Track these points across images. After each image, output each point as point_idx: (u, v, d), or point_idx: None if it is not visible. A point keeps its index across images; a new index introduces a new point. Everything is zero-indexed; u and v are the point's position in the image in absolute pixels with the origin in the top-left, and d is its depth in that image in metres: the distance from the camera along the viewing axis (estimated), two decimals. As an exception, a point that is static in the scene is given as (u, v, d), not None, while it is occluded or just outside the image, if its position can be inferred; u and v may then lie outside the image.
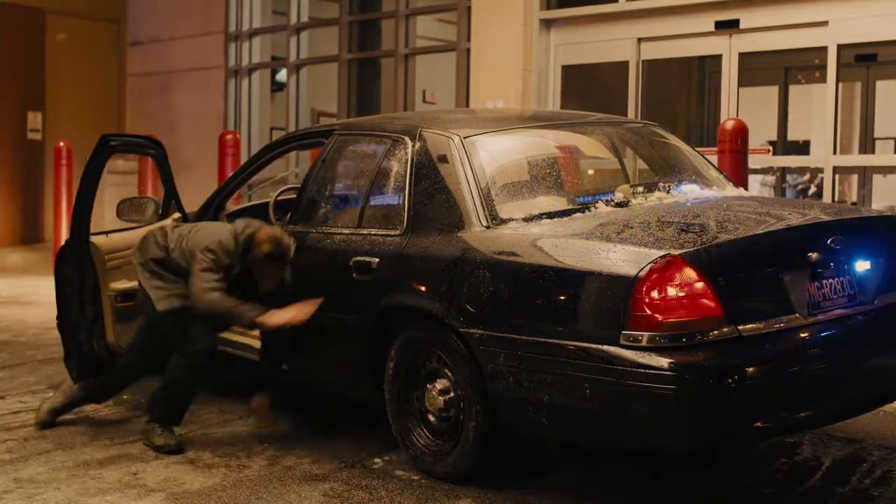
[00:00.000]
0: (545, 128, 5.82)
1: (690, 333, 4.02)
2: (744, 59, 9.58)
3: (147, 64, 14.71)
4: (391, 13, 12.44)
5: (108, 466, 5.09)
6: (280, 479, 4.89)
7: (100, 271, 5.67)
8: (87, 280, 5.69)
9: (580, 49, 10.53)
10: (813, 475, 4.85)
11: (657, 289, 4.01)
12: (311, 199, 5.71)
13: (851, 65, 11.45)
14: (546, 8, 10.61)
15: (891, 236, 4.88)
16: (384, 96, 12.84)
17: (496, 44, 10.63)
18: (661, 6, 9.82)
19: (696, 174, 5.53)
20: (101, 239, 5.90)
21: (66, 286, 5.76)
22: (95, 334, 5.74)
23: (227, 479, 4.89)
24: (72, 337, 5.80)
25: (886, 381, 4.62)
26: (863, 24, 8.85)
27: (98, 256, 5.68)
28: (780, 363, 4.18)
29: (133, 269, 5.74)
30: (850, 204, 12.08)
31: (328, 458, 5.16)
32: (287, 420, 5.80)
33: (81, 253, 5.67)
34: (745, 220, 4.69)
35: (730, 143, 7.48)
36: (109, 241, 5.92)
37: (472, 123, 5.55)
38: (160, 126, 13.81)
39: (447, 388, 4.79)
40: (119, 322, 5.79)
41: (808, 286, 4.34)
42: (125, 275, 5.87)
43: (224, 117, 13.72)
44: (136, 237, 5.99)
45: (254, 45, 13.87)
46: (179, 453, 5.25)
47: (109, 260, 5.76)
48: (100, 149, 5.80)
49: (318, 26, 13.79)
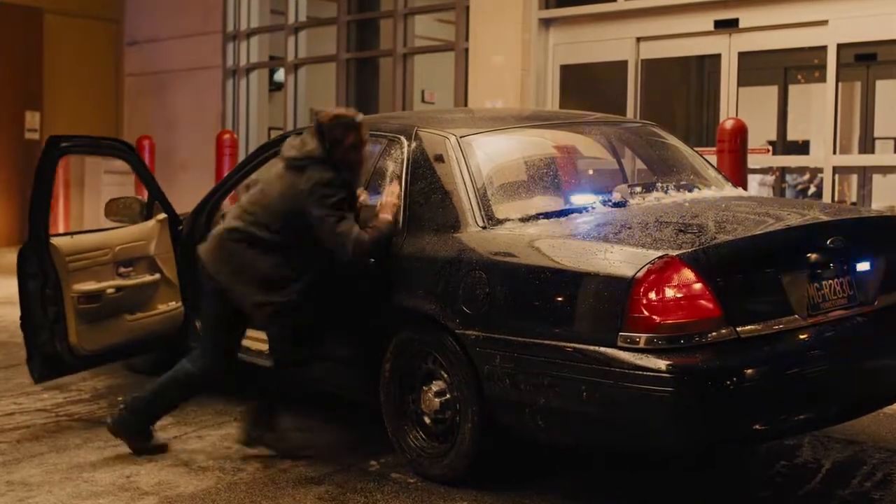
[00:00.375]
0: (543, 127, 5.78)
1: (688, 335, 3.98)
2: (743, 59, 9.54)
3: (145, 64, 14.68)
4: (389, 13, 12.41)
5: (102, 469, 5.05)
6: (274, 482, 4.85)
7: (61, 272, 5.59)
8: (48, 281, 5.61)
9: (579, 48, 10.50)
10: (813, 478, 4.81)
11: (655, 290, 3.97)
12: (307, 200, 5.66)
13: (851, 64, 11.42)
14: (545, 7, 10.58)
15: (891, 237, 4.84)
16: (383, 96, 12.81)
17: (494, 43, 10.59)
18: (660, 5, 9.79)
19: (694, 174, 5.49)
20: (64, 240, 5.80)
21: (27, 287, 5.66)
22: (58, 335, 5.65)
23: (222, 483, 4.85)
24: (34, 338, 5.67)
25: (887, 383, 4.59)
26: (862, 23, 8.81)
27: (58, 258, 5.60)
28: (778, 365, 4.13)
29: (101, 271, 5.68)
30: (850, 204, 12.05)
31: (323, 460, 5.12)
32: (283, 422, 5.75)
33: (41, 254, 5.59)
34: (743, 220, 4.65)
35: (729, 142, 7.45)
36: (74, 242, 5.81)
37: (468, 123, 5.52)
38: (158, 126, 13.80)
39: (443, 390, 4.75)
40: (83, 324, 5.70)
41: (808, 287, 4.30)
42: (91, 276, 5.78)
43: (222, 117, 13.68)
44: (105, 238, 5.93)
45: (252, 44, 13.84)
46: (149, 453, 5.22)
47: (73, 261, 5.66)
48: (49, 150, 5.71)
49: (317, 26, 13.76)
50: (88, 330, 5.74)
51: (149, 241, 6.14)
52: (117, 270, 5.96)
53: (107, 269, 5.88)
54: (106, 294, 5.82)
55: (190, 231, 6.34)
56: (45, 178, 5.62)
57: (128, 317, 5.98)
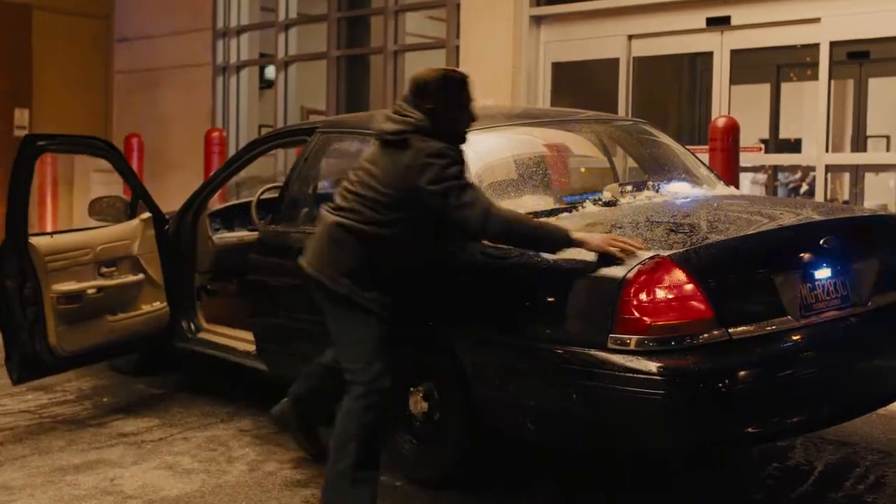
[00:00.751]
0: (533, 125, 5.72)
1: (680, 336, 3.92)
2: (735, 57, 9.48)
3: (134, 61, 14.58)
4: (380, 10, 12.33)
5: (85, 472, 4.98)
6: (260, 484, 4.78)
7: (39, 272, 5.51)
8: (27, 281, 5.53)
9: (570, 46, 10.43)
10: (805, 480, 4.76)
11: (645, 291, 3.91)
12: (294, 199, 5.61)
13: (844, 62, 11.36)
14: (536, 5, 10.51)
15: (884, 236, 4.79)
16: (373, 93, 12.73)
17: (486, 41, 10.52)
18: (652, 2, 9.71)
19: (686, 173, 5.43)
20: (44, 240, 5.71)
21: (6, 287, 5.58)
22: (37, 336, 5.57)
23: (206, 486, 4.78)
24: (14, 338, 5.60)
25: (880, 385, 4.53)
26: (855, 20, 8.76)
27: (37, 258, 5.52)
28: (771, 367, 4.07)
29: (82, 271, 5.59)
30: (843, 202, 12.02)
31: (310, 462, 5.05)
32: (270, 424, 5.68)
33: (20, 253, 5.51)
34: (735, 220, 4.60)
35: (721, 141, 7.41)
36: (53, 241, 5.72)
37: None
38: (148, 124, 13.71)
39: (431, 392, 4.68)
40: (63, 324, 5.62)
41: (800, 288, 4.24)
42: (71, 276, 5.69)
43: (212, 114, 13.59)
44: (87, 238, 5.85)
45: (242, 41, 13.74)
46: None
47: (53, 261, 5.59)
48: (25, 149, 5.63)
49: (307, 23, 13.67)
50: (68, 331, 5.66)
51: (132, 240, 6.06)
52: (99, 270, 5.88)
53: (88, 269, 5.80)
54: (87, 294, 5.74)
55: (176, 230, 6.28)
56: (21, 177, 5.54)
57: (110, 317, 5.91)
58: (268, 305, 5.60)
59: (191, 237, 6.35)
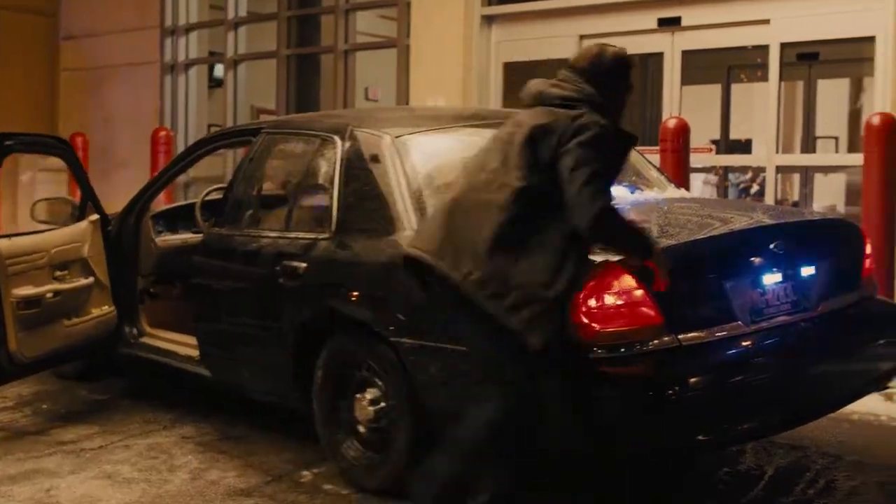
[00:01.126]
0: (483, 127, 5.60)
1: (629, 343, 3.86)
2: (686, 57, 9.48)
3: (81, 59, 14.37)
4: (331, 9, 12.21)
5: (21, 482, 4.84)
6: (202, 494, 4.67)
7: (0, 276, 5.35)
8: None
9: (522, 46, 10.38)
10: (756, 485, 4.72)
11: (594, 297, 3.85)
12: (238, 201, 5.50)
13: (793, 63, 11.41)
14: (487, 4, 10.45)
15: (834, 240, 4.77)
16: (324, 93, 12.62)
17: (437, 40, 10.46)
18: (604, 3, 9.69)
19: (636, 175, 5.37)
20: (3, 242, 5.55)
21: None
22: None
23: (147, 496, 4.66)
24: None
25: (831, 389, 4.49)
26: (805, 22, 8.78)
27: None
28: (722, 373, 4.03)
29: (39, 274, 5.44)
30: (792, 204, 12.08)
31: (254, 471, 4.95)
32: (213, 431, 5.57)
33: None
34: (685, 223, 4.56)
35: (671, 142, 7.40)
36: (12, 244, 5.53)
37: (405, 122, 5.36)
38: (94, 122, 13.51)
39: (377, 399, 4.59)
40: (23, 330, 5.46)
41: (751, 293, 4.20)
42: (29, 280, 5.53)
43: (160, 114, 13.42)
44: (44, 240, 5.69)
45: (190, 39, 13.58)
46: None
47: (13, 265, 5.43)
48: None
49: (257, 21, 13.54)
50: (28, 336, 5.49)
51: (83, 242, 5.90)
52: (53, 274, 5.71)
53: (44, 273, 5.63)
54: (45, 299, 5.58)
55: (118, 232, 6.15)
56: None
57: (65, 322, 5.75)
58: (211, 309, 5.49)
59: (133, 239, 6.22)
